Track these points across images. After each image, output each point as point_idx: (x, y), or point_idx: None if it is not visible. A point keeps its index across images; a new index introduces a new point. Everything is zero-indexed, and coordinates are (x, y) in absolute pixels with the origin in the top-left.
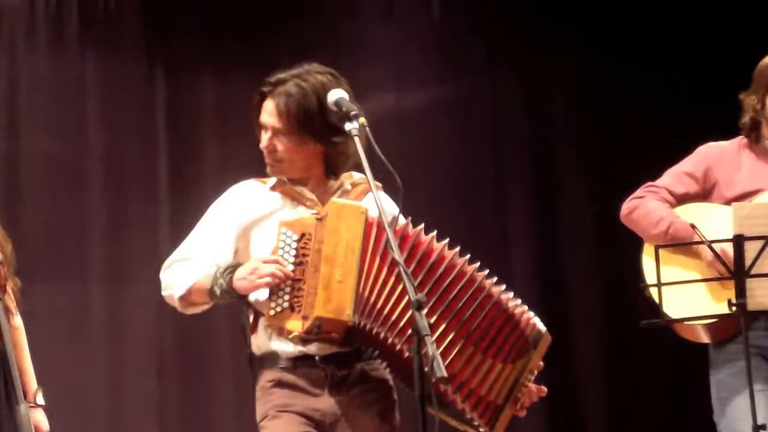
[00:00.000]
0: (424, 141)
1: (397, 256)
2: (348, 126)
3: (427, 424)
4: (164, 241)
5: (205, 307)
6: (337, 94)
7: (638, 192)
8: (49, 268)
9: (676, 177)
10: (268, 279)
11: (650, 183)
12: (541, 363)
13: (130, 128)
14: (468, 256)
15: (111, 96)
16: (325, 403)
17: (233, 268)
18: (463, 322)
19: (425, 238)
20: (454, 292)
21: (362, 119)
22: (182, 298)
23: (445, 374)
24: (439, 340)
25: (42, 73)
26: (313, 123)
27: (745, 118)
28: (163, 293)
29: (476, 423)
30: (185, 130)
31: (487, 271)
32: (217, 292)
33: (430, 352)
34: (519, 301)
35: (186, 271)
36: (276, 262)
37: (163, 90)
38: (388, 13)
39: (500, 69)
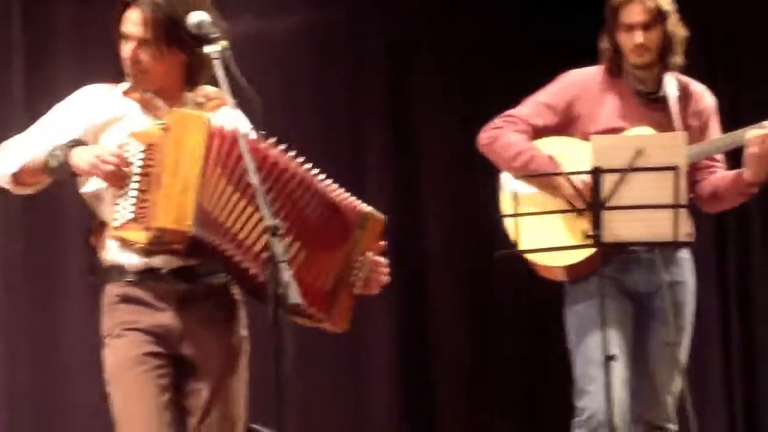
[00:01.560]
0: (284, 69)
1: (253, 177)
2: (208, 48)
3: (280, 346)
4: None
5: (38, 186)
6: (197, 17)
7: (497, 121)
8: None
9: (536, 108)
10: (110, 168)
11: (509, 112)
12: (381, 243)
13: None
14: (300, 159)
15: None
16: (170, 318)
17: (76, 142)
18: (296, 223)
19: (263, 144)
20: (286, 193)
21: (224, 42)
22: (14, 175)
23: (299, 301)
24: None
25: None
26: (180, 32)
27: (606, 56)
28: None
29: (312, 313)
30: (41, 42)
31: (315, 170)
32: (53, 163)
33: (285, 279)
34: (344, 190)
35: (21, 150)
36: (122, 158)
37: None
38: None
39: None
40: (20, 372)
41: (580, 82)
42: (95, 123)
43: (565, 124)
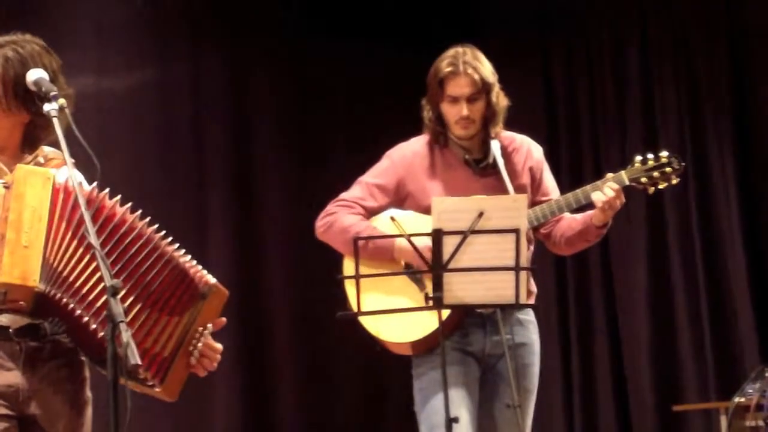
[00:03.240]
0: (126, 124)
1: (93, 237)
2: (47, 107)
3: (119, 406)
4: None
5: None
6: (35, 74)
7: (330, 208)
8: None
9: (367, 190)
10: None
11: (341, 197)
12: (222, 319)
13: None
14: (147, 219)
15: None
16: (17, 378)
17: None
18: (140, 284)
19: (109, 202)
20: (130, 254)
21: (62, 100)
22: None
23: (139, 362)
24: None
25: None
26: (28, 91)
27: (429, 125)
28: None
29: (145, 378)
30: None
31: (162, 233)
32: None
33: (125, 339)
34: (191, 258)
35: None
36: None
37: None
38: None
39: (205, 54)
40: None
41: (407, 159)
42: None
43: (399, 200)
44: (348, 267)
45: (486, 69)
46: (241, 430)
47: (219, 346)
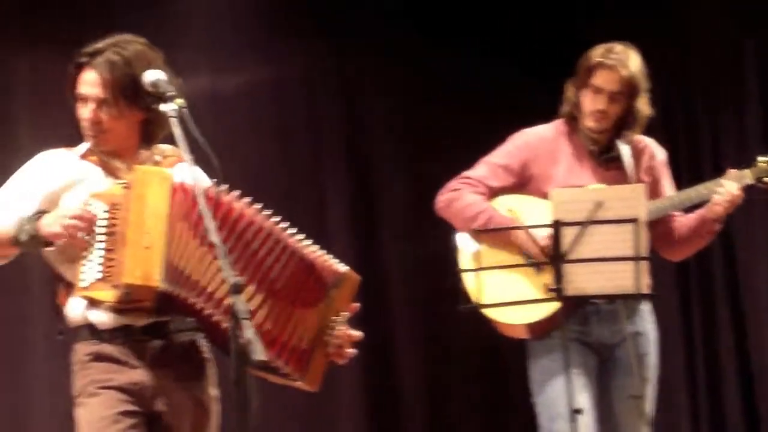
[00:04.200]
0: (240, 123)
1: (213, 234)
2: (164, 107)
3: (247, 401)
4: None
5: (9, 258)
6: (153, 75)
7: (454, 184)
8: None
9: (492, 170)
10: (76, 222)
11: (465, 174)
12: (355, 304)
13: None
14: (267, 212)
15: None
16: (144, 375)
17: (40, 214)
18: (267, 279)
19: (228, 198)
20: (254, 249)
21: (179, 100)
22: None
23: (263, 357)
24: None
25: None
26: (137, 91)
27: (566, 108)
28: None
29: (287, 372)
30: None
31: (285, 224)
32: (23, 238)
33: (249, 336)
34: (318, 248)
35: None
36: (87, 216)
37: None
38: None
39: (317, 52)
40: None
41: (533, 143)
42: (53, 189)
43: (521, 184)
44: (465, 258)
45: (638, 73)
46: (370, 414)
47: (357, 333)
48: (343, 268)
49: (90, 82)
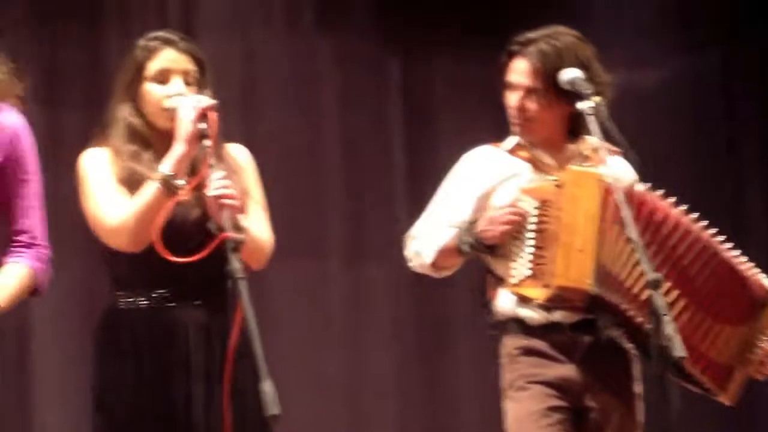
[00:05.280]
0: (653, 116)
1: (633, 231)
2: (581, 105)
3: (670, 400)
4: (401, 212)
5: (456, 267)
6: (570, 74)
7: None
8: (289, 246)
9: None
10: (509, 217)
11: None
12: None
13: (365, 105)
14: (693, 216)
15: (345, 75)
16: (571, 371)
17: (473, 223)
18: (692, 285)
19: (652, 197)
20: (679, 252)
21: (596, 98)
22: (433, 264)
23: (683, 354)
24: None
25: (277, 55)
26: (561, 83)
27: None
28: (413, 264)
29: (707, 386)
30: (419, 102)
31: (712, 230)
32: (466, 248)
33: (668, 331)
34: (746, 259)
35: (430, 239)
36: (518, 213)
37: (397, 66)
38: None
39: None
40: (412, 424)
41: None
42: (486, 188)
43: None
44: None
45: None
46: None
47: None
48: None
49: (519, 71)
